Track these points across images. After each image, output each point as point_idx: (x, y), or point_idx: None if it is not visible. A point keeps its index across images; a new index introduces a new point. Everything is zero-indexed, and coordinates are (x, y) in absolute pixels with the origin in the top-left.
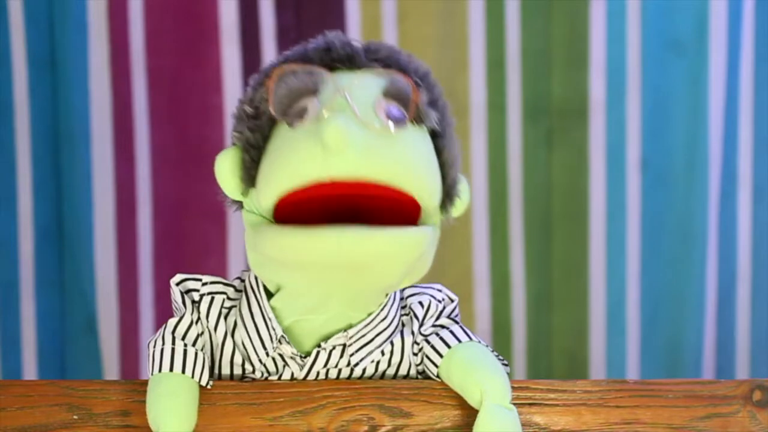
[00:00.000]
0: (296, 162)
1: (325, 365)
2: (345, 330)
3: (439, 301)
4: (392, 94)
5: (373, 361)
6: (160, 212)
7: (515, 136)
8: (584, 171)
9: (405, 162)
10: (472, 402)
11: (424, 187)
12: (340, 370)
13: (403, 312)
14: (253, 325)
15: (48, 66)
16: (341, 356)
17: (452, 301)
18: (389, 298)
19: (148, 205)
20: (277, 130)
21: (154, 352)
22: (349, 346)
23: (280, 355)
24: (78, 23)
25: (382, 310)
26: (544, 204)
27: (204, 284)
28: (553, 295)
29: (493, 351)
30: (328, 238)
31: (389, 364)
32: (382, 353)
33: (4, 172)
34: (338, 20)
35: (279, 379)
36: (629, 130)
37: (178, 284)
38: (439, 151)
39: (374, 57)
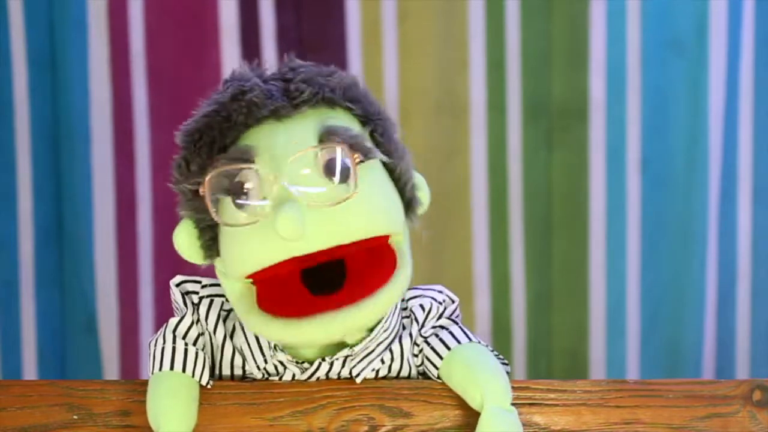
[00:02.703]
0: (257, 250)
1: (327, 373)
2: (350, 347)
3: (440, 303)
4: (326, 147)
5: (373, 370)
6: (160, 212)
7: (515, 136)
8: (584, 171)
9: (362, 216)
10: (473, 404)
11: (390, 223)
12: (339, 377)
13: (404, 314)
14: (252, 332)
15: (48, 66)
16: (343, 366)
17: (453, 302)
18: (390, 309)
19: (148, 205)
20: (224, 205)
21: (155, 351)
22: (352, 359)
23: (280, 362)
24: (78, 23)
25: (384, 322)
26: (544, 204)
27: (203, 287)
28: (553, 295)
29: (493, 351)
30: (316, 329)
31: (389, 371)
32: (382, 361)
33: (4, 172)
34: (338, 20)
35: (280, 380)
36: (629, 130)
37: (177, 285)
38: (390, 170)
39: (298, 101)
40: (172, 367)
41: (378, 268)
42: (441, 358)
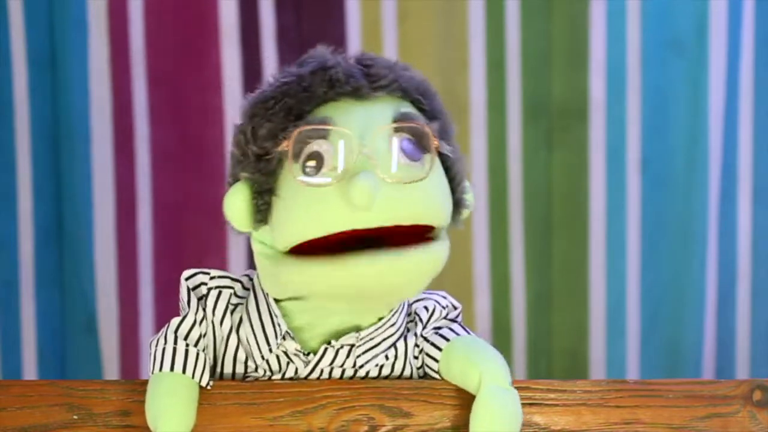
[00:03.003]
0: (320, 216)
1: (331, 364)
2: (356, 331)
3: (444, 308)
4: (404, 128)
5: (377, 365)
6: (160, 212)
7: (515, 136)
8: (584, 171)
9: (423, 201)
10: (472, 387)
11: (441, 215)
12: (344, 371)
13: (408, 319)
14: (259, 321)
15: (48, 66)
16: (348, 356)
17: (455, 308)
18: (400, 305)
19: (148, 205)
20: (287, 171)
21: (155, 351)
22: (357, 347)
23: (284, 353)
24: (78, 23)
25: (392, 316)
26: (544, 204)
27: (212, 278)
28: (553, 295)
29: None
30: (361, 266)
31: (392, 369)
32: (386, 358)
33: (4, 172)
34: (338, 20)
35: (282, 377)
36: (629, 130)
37: (188, 279)
38: (447, 167)
39: (378, 85)
40: (172, 368)
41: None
42: (440, 350)
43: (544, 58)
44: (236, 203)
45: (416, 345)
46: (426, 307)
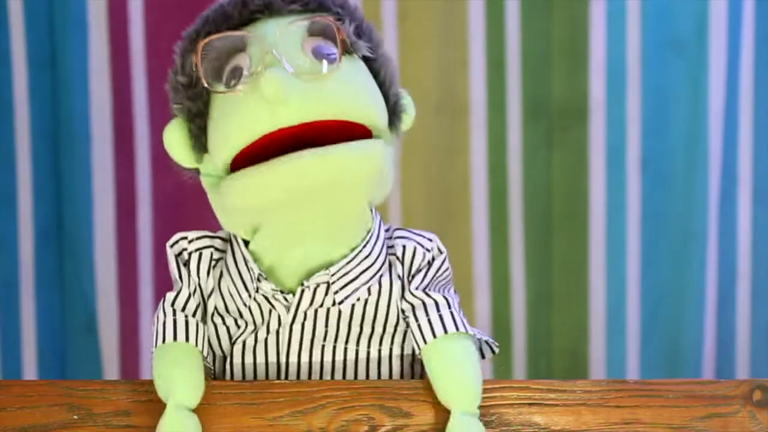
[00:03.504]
0: (243, 120)
1: (311, 304)
2: (327, 268)
3: (428, 250)
4: (317, 33)
5: (359, 299)
6: (160, 212)
7: (515, 136)
8: (584, 171)
9: (345, 94)
10: (443, 403)
11: (370, 112)
12: (328, 310)
13: (390, 252)
14: (236, 269)
15: (48, 66)
16: (326, 294)
17: (441, 252)
18: (371, 235)
19: (148, 205)
20: (215, 93)
21: (156, 326)
22: (333, 284)
23: (264, 298)
24: (78, 23)
25: (364, 246)
26: (544, 204)
27: (190, 241)
28: (553, 295)
29: (480, 337)
30: (287, 165)
31: (377, 307)
32: (369, 292)
33: (4, 172)
34: None
35: (267, 329)
36: (629, 129)
37: (171, 246)
38: (375, 73)
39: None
40: (175, 338)
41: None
42: (425, 342)
43: (544, 58)
44: (174, 137)
45: (404, 298)
46: (404, 246)
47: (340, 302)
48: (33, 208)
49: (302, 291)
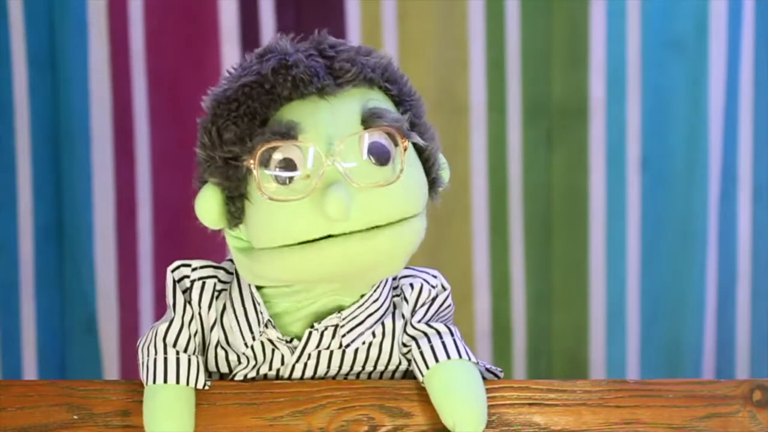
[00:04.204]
0: (297, 225)
1: (317, 347)
2: (338, 311)
3: (433, 287)
4: (371, 122)
5: (364, 343)
6: (160, 212)
7: (515, 136)
8: (584, 171)
9: (398, 201)
10: (445, 425)
11: (421, 203)
12: (332, 352)
13: (394, 293)
14: (242, 307)
15: (48, 66)
16: (333, 337)
17: (445, 289)
18: (382, 280)
19: (148, 205)
20: (261, 177)
21: (147, 361)
22: (341, 327)
23: (269, 340)
24: (78, 23)
25: (374, 291)
26: (544, 204)
27: (194, 269)
28: (553, 295)
29: (482, 364)
30: (335, 249)
31: (380, 349)
32: (373, 335)
33: (4, 172)
34: (338, 20)
35: (270, 366)
36: (629, 129)
37: (173, 271)
38: (420, 151)
39: (342, 81)
40: (165, 379)
41: None
42: (428, 367)
43: (544, 58)
44: (208, 207)
45: (406, 332)
46: (412, 285)
47: (347, 346)
48: (33, 208)
49: (310, 334)
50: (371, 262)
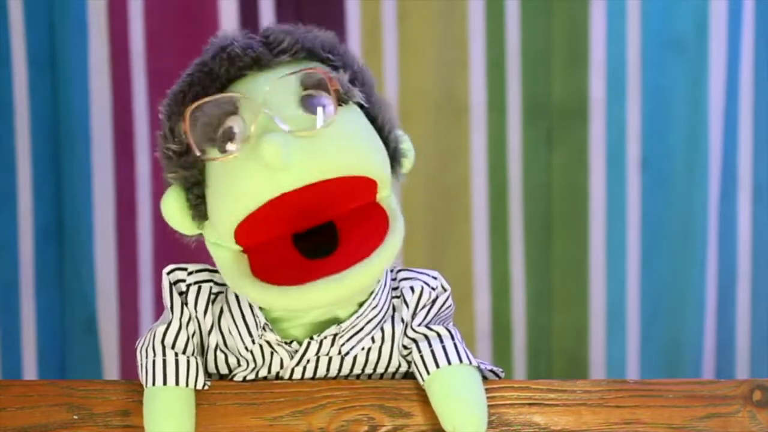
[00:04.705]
0: (245, 188)
1: (317, 353)
2: (337, 323)
3: (433, 289)
4: (310, 85)
5: (363, 348)
6: (160, 212)
7: (515, 136)
8: (584, 171)
9: (345, 149)
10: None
11: (372, 163)
12: (330, 358)
13: (394, 294)
14: (239, 311)
15: (48, 66)
16: (332, 345)
17: (445, 290)
18: (380, 285)
19: (148, 205)
20: (211, 157)
21: (146, 363)
22: (340, 336)
23: (267, 343)
24: (78, 23)
25: (373, 298)
26: (544, 204)
27: (190, 273)
28: (553, 295)
29: (484, 365)
30: (316, 294)
31: (380, 353)
32: (373, 340)
33: (4, 172)
34: (338, 20)
35: (269, 369)
36: (629, 129)
37: (168, 274)
38: (372, 118)
39: (279, 50)
40: (165, 381)
41: (370, 228)
42: (428, 372)
43: (544, 58)
44: (171, 205)
45: (406, 335)
46: (412, 288)
47: (346, 354)
48: (33, 208)
49: (308, 343)
50: (347, 296)
